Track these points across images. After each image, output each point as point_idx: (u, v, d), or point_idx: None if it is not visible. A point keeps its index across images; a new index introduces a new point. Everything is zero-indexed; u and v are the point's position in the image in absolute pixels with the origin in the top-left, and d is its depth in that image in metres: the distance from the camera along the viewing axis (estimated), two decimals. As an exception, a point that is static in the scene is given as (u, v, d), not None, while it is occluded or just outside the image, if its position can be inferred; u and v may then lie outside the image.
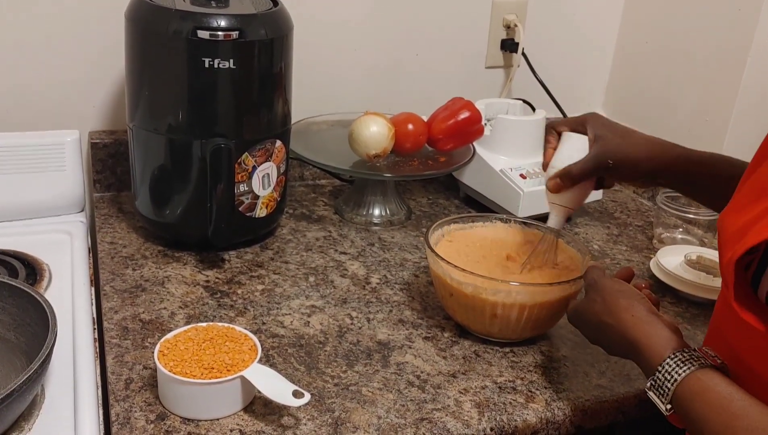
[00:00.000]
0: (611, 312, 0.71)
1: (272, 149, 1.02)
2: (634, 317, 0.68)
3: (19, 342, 0.77)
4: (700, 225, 1.18)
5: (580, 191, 0.87)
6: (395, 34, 1.33)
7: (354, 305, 0.95)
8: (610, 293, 0.73)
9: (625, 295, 0.72)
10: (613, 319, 0.70)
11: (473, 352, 0.87)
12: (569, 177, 0.85)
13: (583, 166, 0.85)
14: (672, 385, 0.61)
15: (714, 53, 1.26)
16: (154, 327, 0.87)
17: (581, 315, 0.76)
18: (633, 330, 0.67)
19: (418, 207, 1.28)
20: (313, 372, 0.81)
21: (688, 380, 0.60)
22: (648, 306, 0.70)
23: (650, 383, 0.63)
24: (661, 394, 0.62)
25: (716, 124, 1.26)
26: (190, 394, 0.72)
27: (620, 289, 0.73)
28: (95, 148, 1.17)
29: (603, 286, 0.74)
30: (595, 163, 0.85)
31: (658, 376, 0.62)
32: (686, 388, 0.60)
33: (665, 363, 0.62)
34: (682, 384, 0.60)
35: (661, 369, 0.62)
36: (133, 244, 1.06)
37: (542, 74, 1.39)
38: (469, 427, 0.75)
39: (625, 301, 0.71)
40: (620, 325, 0.69)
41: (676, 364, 0.61)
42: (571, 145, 0.87)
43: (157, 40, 0.94)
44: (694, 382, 0.60)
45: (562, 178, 0.86)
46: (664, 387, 0.61)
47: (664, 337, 0.65)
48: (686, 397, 0.60)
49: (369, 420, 0.75)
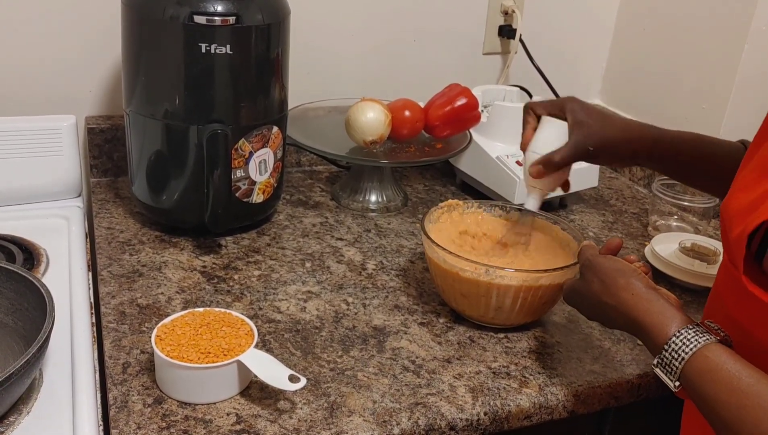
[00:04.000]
0: (610, 292, 0.71)
1: (269, 135, 1.02)
2: (634, 296, 0.69)
3: (17, 326, 0.78)
4: (695, 212, 1.19)
5: (559, 176, 0.89)
6: (392, 20, 1.32)
7: (350, 291, 0.96)
8: (606, 273, 0.73)
9: (622, 273, 0.72)
10: (613, 299, 0.70)
11: (468, 337, 0.88)
12: (551, 164, 0.87)
13: (565, 153, 0.86)
14: (680, 364, 0.61)
15: (711, 40, 1.26)
16: (151, 312, 0.87)
17: (579, 295, 0.77)
18: (635, 309, 0.68)
19: (414, 193, 1.28)
20: (309, 357, 0.82)
21: (696, 358, 0.61)
22: (646, 281, 0.70)
23: (657, 361, 0.64)
24: (668, 372, 0.63)
25: (713, 111, 1.26)
26: (187, 378, 0.73)
27: (616, 267, 0.73)
28: (92, 134, 1.17)
29: (599, 266, 0.74)
30: (576, 150, 0.86)
31: (665, 354, 0.63)
32: (694, 366, 0.61)
33: (671, 341, 0.63)
34: (689, 362, 0.61)
35: (668, 347, 0.63)
36: (130, 229, 1.06)
37: (539, 61, 1.39)
38: (463, 411, 0.76)
39: (623, 279, 0.71)
40: (621, 305, 0.69)
41: (683, 342, 0.62)
42: (551, 131, 0.88)
43: (153, 25, 0.94)
44: (702, 361, 0.60)
45: (545, 165, 0.87)
46: (672, 365, 0.62)
47: (667, 314, 0.65)
48: (695, 376, 0.61)
49: (364, 404, 0.75)
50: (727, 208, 0.62)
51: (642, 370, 0.85)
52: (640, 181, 1.39)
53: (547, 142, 0.88)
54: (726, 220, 0.62)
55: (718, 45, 1.24)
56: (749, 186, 0.60)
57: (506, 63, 1.44)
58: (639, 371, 0.84)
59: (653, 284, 0.71)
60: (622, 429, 0.92)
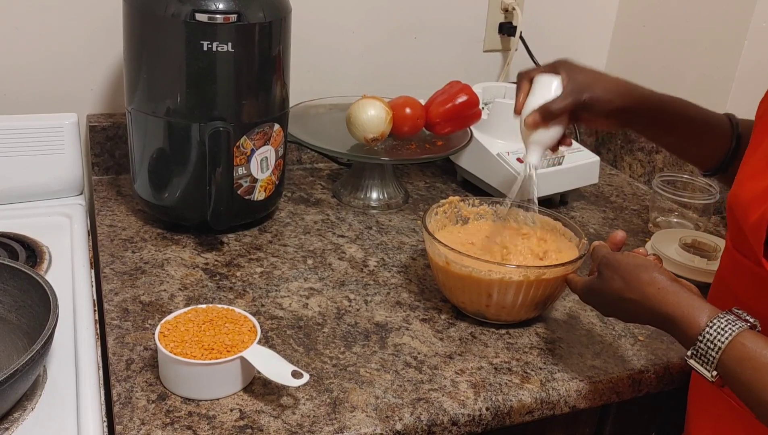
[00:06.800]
0: (633, 288, 0.71)
1: (270, 133, 1.03)
2: (660, 290, 0.69)
3: (20, 323, 0.78)
4: (695, 209, 1.19)
5: (555, 129, 0.88)
6: (393, 18, 1.32)
7: (352, 287, 0.96)
8: (627, 269, 0.73)
9: (644, 268, 0.72)
10: (638, 294, 0.70)
11: (469, 333, 0.88)
12: (548, 112, 0.86)
13: (562, 100, 0.86)
14: (717, 353, 0.62)
15: (711, 36, 1.26)
16: (154, 309, 0.88)
17: (597, 294, 0.77)
18: (663, 303, 0.68)
19: (415, 190, 1.28)
20: (311, 353, 0.82)
21: (733, 347, 0.61)
22: (668, 274, 0.71)
23: (691, 352, 0.64)
24: (704, 362, 0.63)
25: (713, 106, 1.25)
26: (190, 374, 0.73)
27: (636, 262, 0.73)
28: (94, 132, 1.18)
29: (618, 263, 0.74)
30: (573, 98, 0.86)
31: (700, 345, 0.63)
32: (732, 354, 0.61)
33: (705, 332, 0.63)
34: (726, 351, 0.61)
35: (702, 338, 0.63)
36: (133, 226, 1.06)
37: (540, 58, 1.39)
38: (465, 407, 0.76)
39: (646, 274, 0.71)
40: (647, 301, 0.69)
41: (717, 332, 0.62)
42: (544, 85, 0.88)
43: (155, 23, 0.94)
44: (739, 348, 0.61)
45: (542, 113, 0.86)
46: (708, 356, 0.62)
47: (695, 305, 0.66)
48: (734, 364, 0.61)
49: (367, 400, 0.76)
50: (738, 197, 0.62)
51: (643, 365, 0.85)
52: (641, 178, 1.40)
53: (542, 97, 0.87)
54: (737, 208, 0.62)
55: (718, 41, 1.24)
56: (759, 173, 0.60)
57: (507, 60, 1.44)
58: (640, 366, 0.85)
59: (674, 277, 0.71)
60: (624, 424, 0.92)
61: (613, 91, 0.87)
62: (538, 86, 0.89)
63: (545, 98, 0.87)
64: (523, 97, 0.89)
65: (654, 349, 0.88)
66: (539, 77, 0.89)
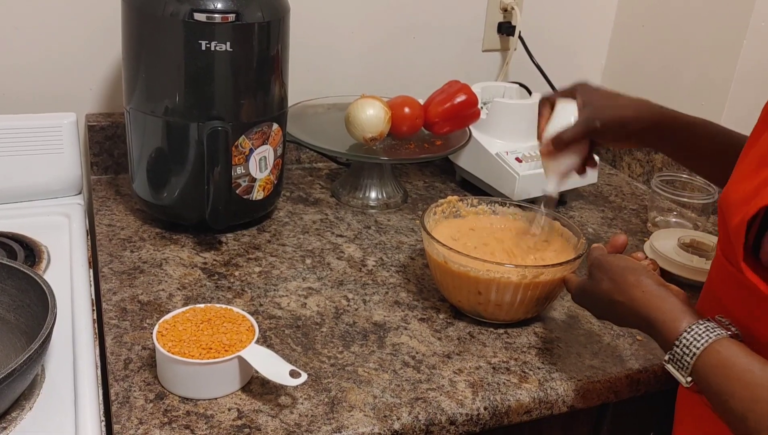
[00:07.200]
0: (620, 290, 0.71)
1: (269, 132, 1.03)
2: (645, 293, 0.69)
3: (18, 323, 0.78)
4: (693, 208, 1.19)
5: (572, 156, 0.89)
6: (392, 18, 1.32)
7: (350, 287, 0.96)
8: (616, 271, 0.73)
9: (631, 271, 0.72)
10: (624, 296, 0.71)
11: (468, 333, 0.88)
12: (560, 142, 0.87)
13: (573, 129, 0.87)
14: (691, 359, 0.61)
15: (710, 35, 1.26)
16: (152, 308, 0.88)
17: (589, 295, 0.77)
18: (645, 306, 0.68)
19: (414, 190, 1.28)
20: (309, 352, 0.82)
21: (707, 353, 0.61)
22: (656, 279, 0.70)
23: (668, 356, 0.64)
24: (680, 367, 0.63)
25: (713, 106, 1.26)
26: (188, 373, 0.73)
27: (625, 265, 0.73)
28: (92, 131, 1.18)
29: (608, 265, 0.74)
30: (585, 126, 0.86)
31: (676, 350, 0.63)
32: (706, 360, 0.61)
33: (682, 337, 0.63)
34: (701, 357, 0.61)
35: (679, 343, 0.63)
36: (131, 226, 1.06)
37: (539, 58, 1.39)
38: (463, 406, 0.76)
39: (632, 277, 0.71)
40: (632, 303, 0.69)
41: (694, 338, 0.62)
42: (562, 113, 0.89)
43: (153, 22, 0.94)
44: (714, 355, 0.60)
45: (554, 143, 0.87)
46: (683, 361, 0.62)
47: (677, 310, 0.65)
48: (707, 371, 0.61)
49: (365, 399, 0.76)
50: (727, 199, 0.62)
51: (641, 364, 0.85)
52: (639, 178, 1.40)
53: (559, 125, 0.88)
54: (725, 210, 0.62)
55: (717, 40, 1.24)
56: (748, 176, 0.60)
57: (506, 60, 1.44)
58: (638, 366, 0.85)
59: (663, 281, 0.71)
60: (622, 423, 0.92)
61: (628, 114, 0.86)
62: (557, 115, 0.89)
63: (563, 126, 0.87)
64: (543, 124, 0.90)
65: (652, 349, 0.88)
66: (559, 104, 0.89)
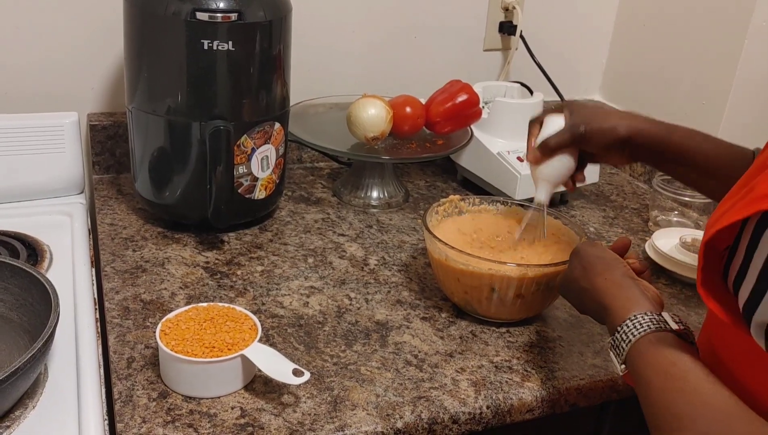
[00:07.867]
0: (587, 277, 0.72)
1: (271, 131, 1.03)
2: (607, 281, 0.69)
3: (21, 321, 0.78)
4: (695, 208, 1.19)
5: (560, 164, 0.89)
6: (393, 17, 1.33)
7: (352, 286, 0.96)
8: (588, 259, 0.74)
9: (602, 260, 0.72)
10: (588, 283, 0.71)
11: (470, 332, 0.89)
12: (546, 147, 0.87)
13: (559, 134, 0.87)
14: (627, 346, 0.62)
15: (711, 36, 1.26)
16: (154, 307, 0.88)
17: (564, 282, 0.78)
18: (604, 294, 0.68)
19: (415, 189, 1.28)
20: (312, 351, 0.82)
21: (641, 342, 0.61)
22: (625, 271, 0.70)
23: (610, 342, 0.65)
24: (617, 354, 0.63)
25: (713, 107, 1.27)
26: (191, 372, 0.73)
27: (599, 255, 0.73)
28: (94, 130, 1.18)
29: (584, 253, 0.75)
30: (570, 131, 0.87)
31: (617, 336, 0.63)
32: (638, 349, 0.61)
33: (624, 324, 0.63)
34: (635, 345, 0.61)
35: (620, 329, 0.63)
36: (133, 225, 1.06)
37: (540, 57, 1.39)
38: (466, 405, 0.76)
39: (601, 265, 0.71)
40: (593, 290, 0.70)
41: (634, 326, 0.62)
42: (549, 124, 0.90)
43: (155, 21, 0.94)
44: (646, 345, 0.60)
45: (541, 148, 0.88)
46: (620, 347, 0.62)
47: (632, 300, 0.65)
48: (635, 358, 0.61)
49: (367, 398, 0.76)
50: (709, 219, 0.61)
51: (643, 363, 0.85)
52: (641, 177, 1.40)
53: (546, 134, 0.89)
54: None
55: (718, 41, 1.25)
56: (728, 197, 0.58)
57: (507, 59, 1.44)
58: (640, 365, 0.85)
59: (633, 274, 0.71)
60: (623, 422, 0.92)
61: (614, 119, 0.86)
62: (546, 126, 0.90)
63: (549, 134, 0.88)
64: (533, 141, 0.90)
65: (654, 348, 0.88)
66: (547, 118, 0.90)
